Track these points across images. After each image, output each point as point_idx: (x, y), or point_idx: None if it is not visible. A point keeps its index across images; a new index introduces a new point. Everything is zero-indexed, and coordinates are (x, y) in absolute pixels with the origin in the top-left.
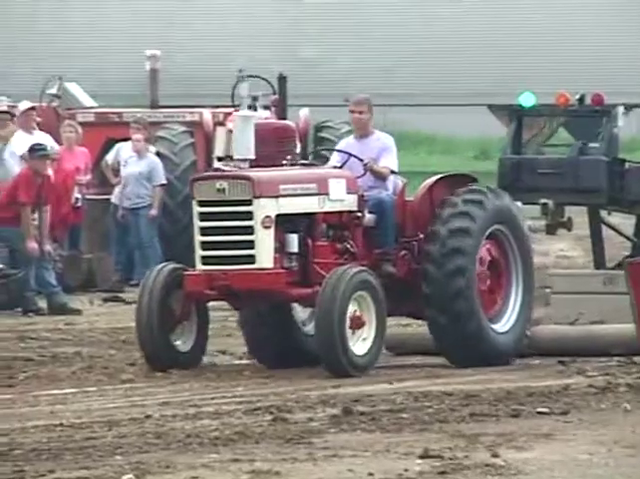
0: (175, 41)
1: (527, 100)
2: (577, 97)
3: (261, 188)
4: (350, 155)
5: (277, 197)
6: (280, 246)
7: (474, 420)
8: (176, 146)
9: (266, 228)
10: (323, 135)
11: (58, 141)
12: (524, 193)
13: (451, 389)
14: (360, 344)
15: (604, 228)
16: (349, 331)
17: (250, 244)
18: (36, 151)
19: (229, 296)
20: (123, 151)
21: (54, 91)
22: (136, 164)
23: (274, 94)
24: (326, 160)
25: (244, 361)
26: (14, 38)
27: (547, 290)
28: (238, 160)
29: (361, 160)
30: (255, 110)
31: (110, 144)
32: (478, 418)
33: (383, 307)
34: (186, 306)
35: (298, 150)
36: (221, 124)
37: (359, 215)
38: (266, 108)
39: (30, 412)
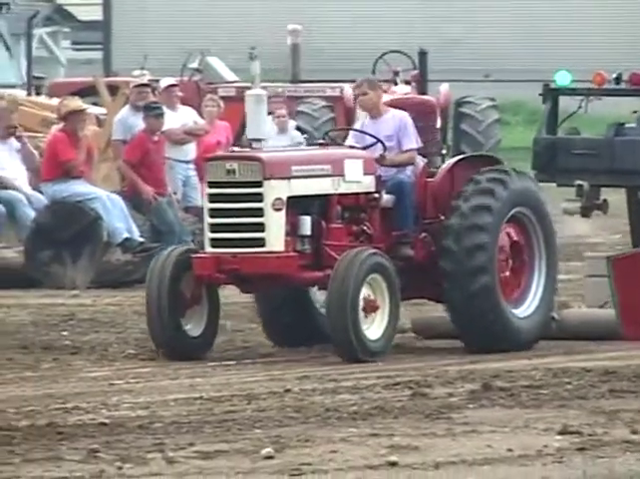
0: (317, 16)
1: (563, 78)
2: (614, 76)
3: (272, 169)
4: (368, 134)
5: (289, 178)
6: (292, 229)
7: (613, 396)
8: (317, 120)
9: (277, 210)
10: (463, 110)
11: (201, 115)
12: (559, 174)
13: (590, 365)
14: (373, 329)
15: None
16: (362, 315)
17: (260, 227)
18: (152, 109)
19: (239, 280)
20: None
21: (195, 65)
22: (278, 138)
23: (415, 69)
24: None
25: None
26: (158, 13)
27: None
28: (250, 140)
29: (380, 141)
30: (396, 84)
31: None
32: (617, 394)
33: (397, 291)
34: (197, 290)
35: (438, 125)
36: None
37: (376, 196)
38: (407, 83)
39: (170, 385)
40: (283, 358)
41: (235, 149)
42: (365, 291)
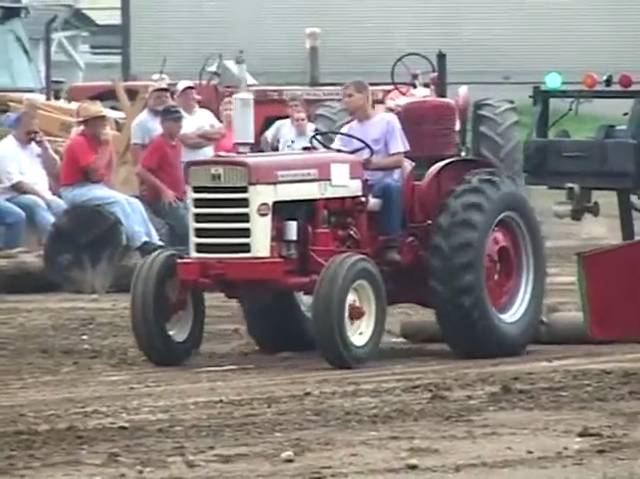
0: (335, 19)
1: (553, 81)
2: (604, 78)
3: (258, 174)
4: (355, 138)
5: (275, 183)
6: (278, 234)
7: (633, 398)
8: (336, 124)
9: (262, 215)
10: (483, 113)
11: (219, 119)
12: (550, 176)
13: (610, 367)
14: (359, 335)
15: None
16: (348, 322)
17: (246, 233)
18: (170, 113)
19: (224, 285)
20: (283, 128)
21: (213, 68)
22: (297, 141)
23: (433, 71)
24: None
25: (401, 339)
26: (176, 17)
27: None
28: (237, 144)
29: (367, 145)
30: (415, 87)
31: (269, 121)
32: (637, 396)
33: (383, 297)
34: (182, 295)
35: (457, 128)
36: (380, 102)
37: (363, 200)
38: (426, 86)
39: (190, 389)
40: (303, 361)
41: (222, 153)
42: (351, 297)
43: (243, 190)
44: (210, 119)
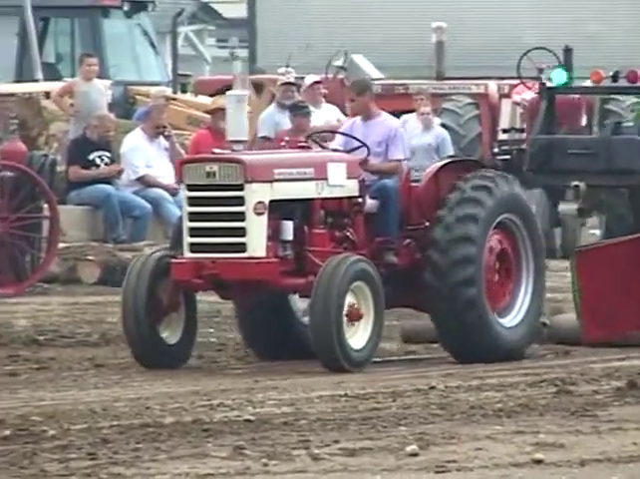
0: (461, 13)
1: (559, 77)
2: (611, 74)
3: (254, 172)
4: (354, 138)
5: (271, 181)
6: (274, 234)
7: None
8: (462, 118)
9: (259, 214)
10: (609, 107)
11: (345, 113)
12: (555, 175)
13: None
14: (357, 338)
15: None
16: (345, 324)
17: (241, 232)
18: (299, 108)
19: (219, 286)
20: (408, 123)
21: (340, 63)
22: (423, 136)
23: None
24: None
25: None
26: (302, 10)
27: None
28: (231, 141)
29: (365, 146)
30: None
31: (395, 115)
32: None
33: (381, 299)
34: (174, 296)
35: (584, 122)
36: (507, 96)
37: (360, 201)
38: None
39: (315, 382)
40: (428, 356)
41: (216, 150)
42: (349, 299)
43: (239, 188)
44: (336, 113)
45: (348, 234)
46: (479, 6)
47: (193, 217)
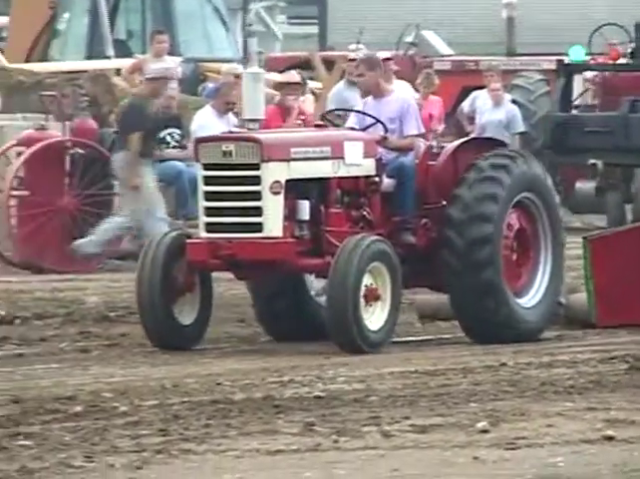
0: None
1: (577, 54)
2: (629, 51)
3: (270, 151)
4: (369, 116)
5: (287, 160)
6: (290, 214)
7: None
8: (533, 94)
9: (275, 194)
10: None
11: (415, 89)
12: (572, 153)
13: None
14: (374, 319)
15: None
16: (363, 305)
17: (258, 212)
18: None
19: (235, 267)
20: (479, 99)
21: (411, 39)
22: (494, 112)
23: (630, 42)
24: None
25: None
26: None
27: None
28: (247, 120)
29: (381, 123)
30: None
31: (465, 92)
32: None
33: (399, 280)
34: (190, 277)
35: None
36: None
37: (377, 180)
38: (622, 56)
39: (386, 359)
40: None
41: (233, 129)
42: (367, 280)
43: (255, 167)
44: (409, 90)
45: (365, 213)
46: None
47: (209, 196)
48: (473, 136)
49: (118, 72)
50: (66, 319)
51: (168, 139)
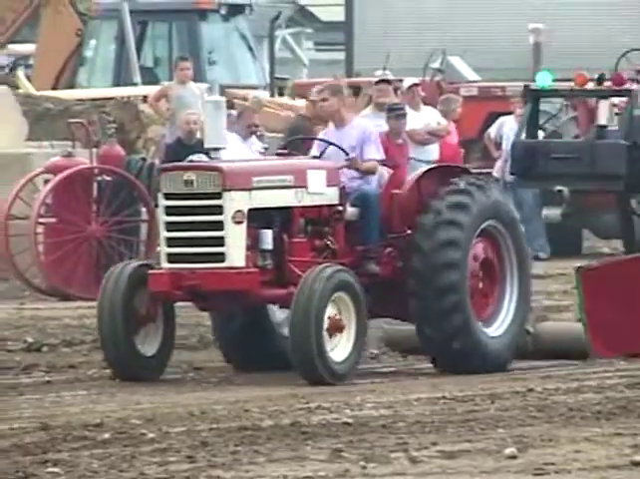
0: (559, 14)
1: (544, 79)
2: (596, 77)
3: (232, 180)
4: (330, 144)
5: (250, 189)
6: (253, 243)
7: None
8: (559, 119)
9: (237, 223)
10: None
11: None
12: (539, 179)
13: None
14: (339, 350)
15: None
16: (326, 336)
17: (220, 241)
18: (393, 110)
19: (198, 297)
20: (506, 125)
21: (437, 65)
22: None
23: None
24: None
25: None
26: (399, 13)
27: None
28: (208, 148)
29: (343, 150)
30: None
31: (491, 118)
32: None
33: (364, 310)
34: (152, 307)
35: None
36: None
37: (340, 209)
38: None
39: (413, 385)
40: (525, 359)
41: (194, 158)
42: (330, 310)
43: (217, 196)
44: (436, 116)
45: (328, 242)
46: (577, 7)
47: (171, 226)
48: (434, 165)
49: (145, 99)
50: (93, 346)
51: None
